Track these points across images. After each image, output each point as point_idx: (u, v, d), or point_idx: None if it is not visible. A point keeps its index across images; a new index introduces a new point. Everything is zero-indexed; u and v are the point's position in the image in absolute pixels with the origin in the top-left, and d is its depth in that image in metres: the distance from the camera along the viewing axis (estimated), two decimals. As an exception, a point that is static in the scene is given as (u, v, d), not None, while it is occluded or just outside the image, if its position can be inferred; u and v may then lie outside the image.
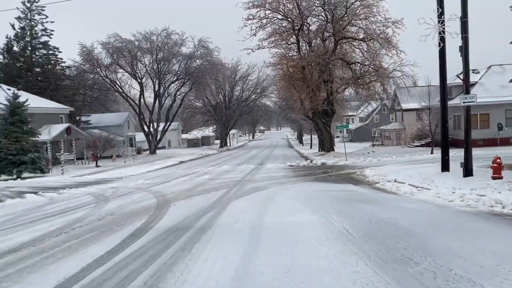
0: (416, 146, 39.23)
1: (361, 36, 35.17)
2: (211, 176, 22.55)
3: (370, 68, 34.35)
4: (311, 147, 56.42)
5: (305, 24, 36.34)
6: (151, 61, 52.02)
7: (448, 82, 39.56)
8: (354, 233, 8.09)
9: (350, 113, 71.48)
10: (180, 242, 7.95)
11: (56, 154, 37.62)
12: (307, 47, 37.15)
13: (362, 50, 35.51)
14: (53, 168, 35.78)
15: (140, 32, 51.65)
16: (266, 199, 13.06)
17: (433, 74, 52.34)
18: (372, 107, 63.00)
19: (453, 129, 34.89)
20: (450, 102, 37.59)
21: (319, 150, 44.47)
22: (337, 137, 58.98)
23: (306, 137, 77.01)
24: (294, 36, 36.30)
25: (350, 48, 36.18)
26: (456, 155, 28.00)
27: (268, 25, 35.30)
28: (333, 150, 38.06)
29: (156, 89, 53.22)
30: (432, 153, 30.99)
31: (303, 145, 68.44)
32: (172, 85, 55.05)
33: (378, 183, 16.54)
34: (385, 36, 33.37)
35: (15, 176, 30.83)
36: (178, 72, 52.55)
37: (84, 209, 13.26)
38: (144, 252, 7.31)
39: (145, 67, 52.39)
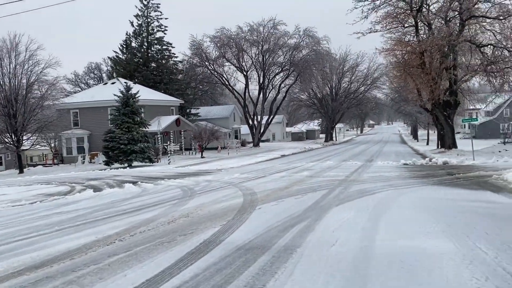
0: None
1: (494, 14, 29.14)
2: (311, 173, 19.79)
3: (506, 51, 28.24)
4: (427, 144, 50.23)
5: (425, 3, 31.37)
6: (256, 53, 50.73)
7: None
8: (527, 283, 4.81)
9: (472, 107, 62.48)
10: (248, 273, 5.45)
11: (164, 144, 38.16)
12: (427, 30, 32.11)
13: (494, 32, 29.44)
14: (162, 158, 36.33)
15: (248, 23, 50.71)
16: (376, 209, 9.95)
17: None
18: (503, 99, 53.82)
19: None
20: None
21: (438, 147, 38.79)
22: (457, 133, 51.65)
23: (421, 132, 69.73)
24: (411, 18, 31.57)
25: (480, 29, 30.25)
26: None
27: (381, 6, 31.15)
28: (456, 147, 32.47)
29: (261, 81, 51.79)
30: None
31: (418, 141, 61.74)
32: (277, 77, 53.23)
33: (530, 192, 12.24)
34: (528, 11, 27.13)
35: (125, 165, 31.62)
36: (283, 63, 50.38)
37: (163, 206, 11.59)
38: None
39: (251, 59, 51.25)
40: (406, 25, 32.05)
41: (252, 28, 50.15)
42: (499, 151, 31.00)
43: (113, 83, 42.89)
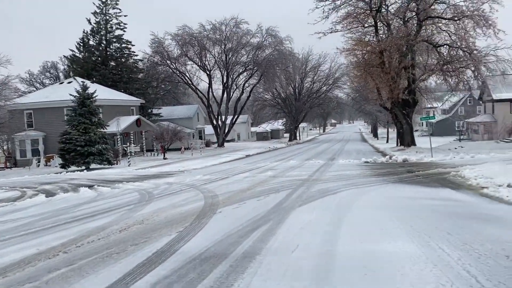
0: (516, 141, 33.08)
1: (449, 15, 29.97)
2: (275, 173, 19.52)
3: (460, 51, 29.06)
4: (387, 141, 51.36)
5: (384, 4, 31.87)
6: (219, 52, 50.06)
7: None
8: (489, 284, 4.63)
9: (430, 105, 64.47)
10: (203, 286, 4.99)
11: (124, 146, 36.90)
12: (386, 30, 32.64)
13: (449, 32, 30.28)
14: (122, 160, 35.09)
15: (210, 21, 49.87)
16: (338, 209, 9.72)
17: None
18: (457, 97, 55.84)
19: None
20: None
21: (397, 145, 39.64)
22: (416, 130, 53.08)
23: (381, 131, 71.32)
24: (371, 18, 32.00)
25: (436, 30, 31.03)
26: None
27: (342, 6, 31.38)
28: (414, 144, 33.21)
29: (225, 80, 51.20)
30: (540, 149, 25.31)
31: (378, 139, 63.11)
32: (241, 76, 52.74)
33: (486, 188, 12.40)
34: (480, 13, 28.02)
35: (83, 168, 30.25)
36: (246, 63, 49.95)
37: (118, 212, 10.90)
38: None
39: (214, 58, 50.51)
40: (366, 25, 32.46)
41: (214, 26, 49.49)
42: (455, 148, 31.93)
43: (69, 83, 41.08)
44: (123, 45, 49.14)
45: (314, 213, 9.33)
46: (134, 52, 50.44)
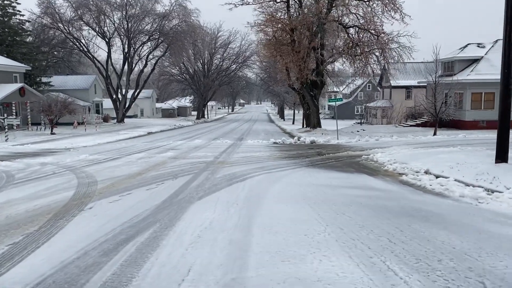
0: (411, 125, 34.29)
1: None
2: (176, 154, 16.92)
3: (369, 33, 28.71)
4: (293, 123, 51.11)
5: (297, -21, 30.34)
6: (120, 18, 44.64)
7: (450, 56, 34.74)
8: None
9: (333, 89, 66.00)
10: None
11: (0, 118, 31.03)
12: (298, 7, 31.25)
13: (358, 15, 29.79)
14: (4, 133, 29.43)
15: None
16: (248, 203, 7.60)
17: (428, 49, 47.40)
18: (361, 81, 57.48)
19: (452, 109, 29.94)
20: (451, 78, 32.73)
21: (303, 126, 39.17)
22: (319, 113, 53.76)
23: (287, 112, 71.66)
24: (283, -7, 30.28)
25: (346, 11, 30.33)
26: (468, 137, 23.06)
27: (254, -22, 29.08)
28: (320, 126, 32.72)
29: (126, 50, 45.94)
30: (435, 134, 26.07)
31: (284, 120, 63.05)
32: (144, 47, 47.85)
33: (405, 174, 11.32)
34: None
35: None
36: (151, 31, 45.23)
37: None
38: None
39: (114, 25, 44.90)
40: (278, 0, 30.67)
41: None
42: (357, 131, 32.14)
43: None
44: (5, 1, 41.48)
45: (216, 209, 7.09)
46: (20, 12, 42.92)
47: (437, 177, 10.46)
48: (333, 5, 28.77)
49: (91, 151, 18.92)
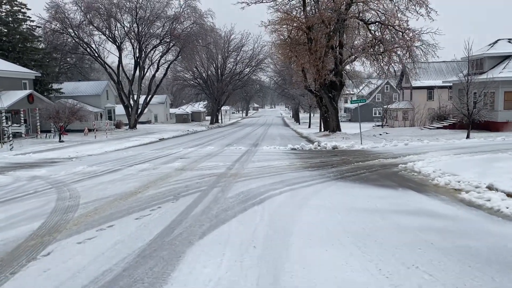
0: (438, 128, 31.47)
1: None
2: (184, 164, 14.71)
3: (394, 30, 26.10)
4: (309, 126, 48.52)
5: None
6: (130, 22, 42.78)
7: (479, 53, 31.83)
8: None
9: (349, 91, 63.08)
10: None
11: (4, 126, 29.33)
12: (314, 5, 28.87)
13: (378, 12, 27.20)
14: (9, 142, 27.77)
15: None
16: (268, 248, 5.27)
17: (458, 46, 44.15)
18: (374, 85, 54.62)
19: (485, 110, 27.06)
20: (480, 77, 29.91)
21: (320, 130, 36.68)
22: (336, 116, 51.10)
23: (302, 116, 69.16)
24: (299, -9, 27.98)
25: (366, 6, 27.73)
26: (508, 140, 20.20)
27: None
28: (340, 130, 30.17)
29: (137, 54, 44.08)
30: (468, 137, 23.36)
31: (300, 124, 60.49)
32: (156, 51, 45.92)
33: (464, 191, 8.82)
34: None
35: None
36: (162, 34, 43.16)
37: None
38: None
39: (124, 28, 43.05)
40: (293, -2, 28.37)
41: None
42: (380, 134, 29.60)
43: None
44: (15, 8, 40.17)
45: (225, 257, 4.78)
46: (30, 17, 41.60)
47: (508, 195, 7.99)
48: (353, 0, 26.30)
49: (92, 161, 16.90)
